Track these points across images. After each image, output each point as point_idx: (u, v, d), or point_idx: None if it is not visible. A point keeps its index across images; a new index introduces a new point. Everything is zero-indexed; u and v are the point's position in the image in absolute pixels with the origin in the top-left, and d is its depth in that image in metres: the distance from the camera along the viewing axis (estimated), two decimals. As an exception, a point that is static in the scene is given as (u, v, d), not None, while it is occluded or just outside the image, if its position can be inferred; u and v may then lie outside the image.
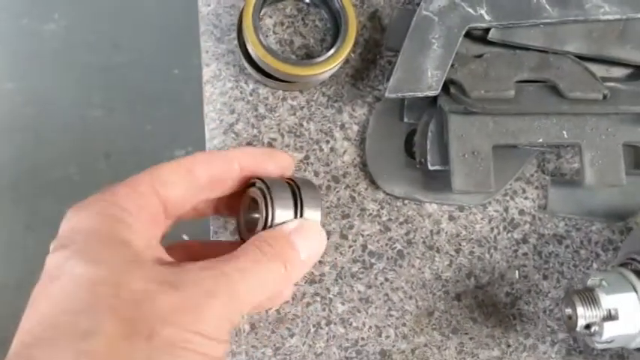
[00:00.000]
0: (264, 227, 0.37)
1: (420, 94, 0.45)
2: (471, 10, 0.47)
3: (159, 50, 1.18)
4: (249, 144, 0.49)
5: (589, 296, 0.38)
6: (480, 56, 0.47)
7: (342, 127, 0.50)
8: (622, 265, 0.41)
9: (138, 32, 1.19)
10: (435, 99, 0.47)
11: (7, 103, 1.17)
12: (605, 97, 0.45)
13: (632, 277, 0.39)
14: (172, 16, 1.18)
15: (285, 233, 0.35)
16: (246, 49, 0.48)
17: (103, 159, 1.15)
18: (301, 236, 0.35)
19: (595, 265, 0.47)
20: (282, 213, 0.38)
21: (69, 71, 1.18)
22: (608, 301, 0.38)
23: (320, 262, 0.47)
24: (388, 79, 0.46)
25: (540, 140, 0.46)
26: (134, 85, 1.18)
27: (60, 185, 1.15)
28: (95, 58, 1.18)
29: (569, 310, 0.39)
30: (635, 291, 0.38)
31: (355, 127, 0.50)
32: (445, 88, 0.46)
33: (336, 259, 0.47)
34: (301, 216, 0.38)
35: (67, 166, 1.15)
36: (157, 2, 1.22)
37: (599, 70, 0.47)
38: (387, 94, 0.46)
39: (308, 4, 0.51)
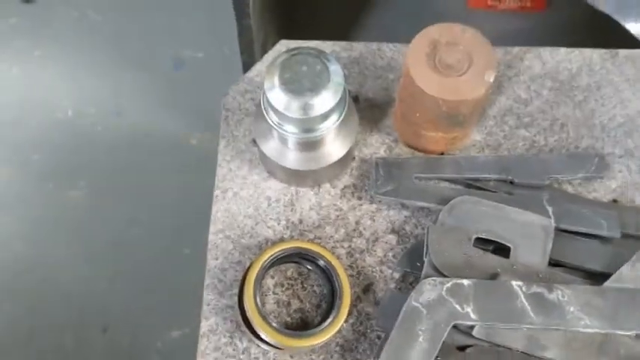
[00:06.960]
0: None
1: (401, 385, 0.47)
2: (458, 307, 0.49)
3: (172, 228, 1.23)
4: (233, 405, 0.50)
5: None
6: (463, 349, 0.49)
7: (326, 398, 0.51)
8: None
9: (154, 210, 1.25)
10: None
11: (10, 267, 1.20)
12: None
13: None
14: (189, 193, 1.23)
15: None
16: (244, 311, 0.51)
17: (100, 332, 1.16)
18: None
19: None
20: None
21: (79, 243, 1.22)
22: None
23: None
24: (376, 358, 0.48)
25: None
26: (141, 260, 1.21)
27: (53, 354, 1.15)
28: (109, 232, 1.23)
29: None
30: None
31: (340, 400, 0.51)
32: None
33: None
34: None
35: (63, 335, 1.16)
36: (178, 182, 1.28)
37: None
38: (369, 384, 0.48)
39: (309, 270, 0.55)
